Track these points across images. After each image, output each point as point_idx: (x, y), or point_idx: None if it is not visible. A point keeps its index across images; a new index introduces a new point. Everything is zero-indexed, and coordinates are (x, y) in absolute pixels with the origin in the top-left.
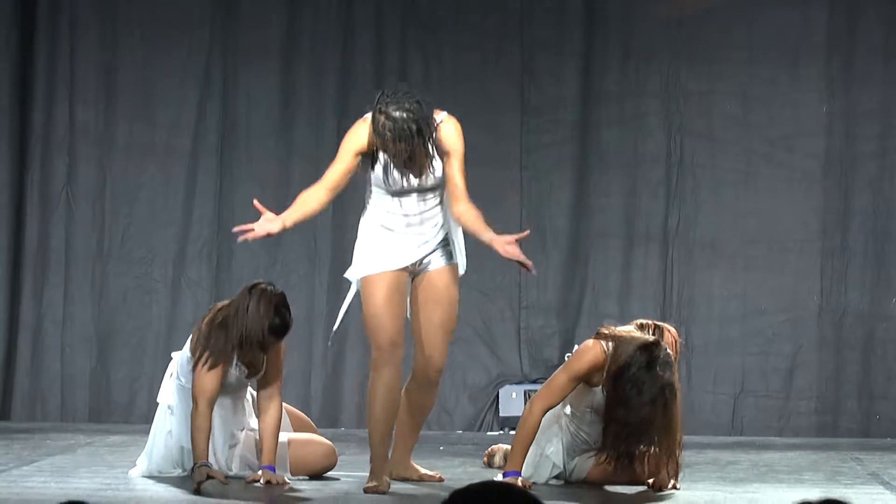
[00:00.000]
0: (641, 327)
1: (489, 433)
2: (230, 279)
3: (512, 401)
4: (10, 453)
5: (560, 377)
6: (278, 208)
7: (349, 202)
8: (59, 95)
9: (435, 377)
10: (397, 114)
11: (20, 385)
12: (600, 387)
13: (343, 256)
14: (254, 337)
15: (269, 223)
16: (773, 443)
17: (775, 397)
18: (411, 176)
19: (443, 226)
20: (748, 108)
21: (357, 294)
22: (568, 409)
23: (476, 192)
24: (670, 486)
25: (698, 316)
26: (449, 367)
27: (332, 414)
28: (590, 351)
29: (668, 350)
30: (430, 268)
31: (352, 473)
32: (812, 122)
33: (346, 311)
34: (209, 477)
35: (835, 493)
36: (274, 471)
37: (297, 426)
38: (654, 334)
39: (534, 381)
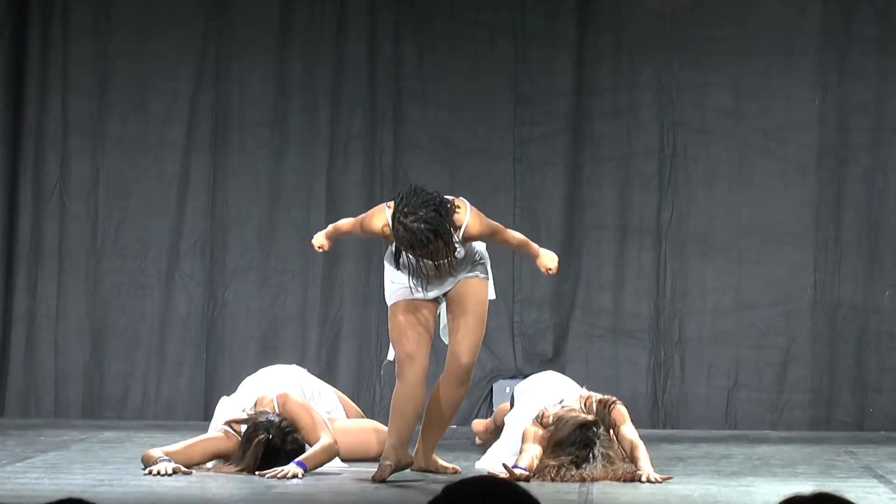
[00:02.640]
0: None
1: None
2: (224, 272)
3: (506, 395)
4: (4, 449)
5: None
6: (271, 199)
7: (341, 198)
8: (53, 88)
9: (462, 374)
10: (415, 225)
11: (13, 380)
12: None
13: (336, 250)
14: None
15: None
16: (766, 436)
17: (769, 391)
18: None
19: (464, 260)
20: (741, 100)
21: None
22: None
23: (470, 185)
24: (652, 478)
25: (692, 309)
26: (442, 363)
27: None
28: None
29: (603, 433)
30: (460, 282)
31: (346, 468)
32: (805, 114)
33: (342, 307)
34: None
35: (829, 486)
36: (305, 469)
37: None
38: (596, 409)
39: (527, 376)
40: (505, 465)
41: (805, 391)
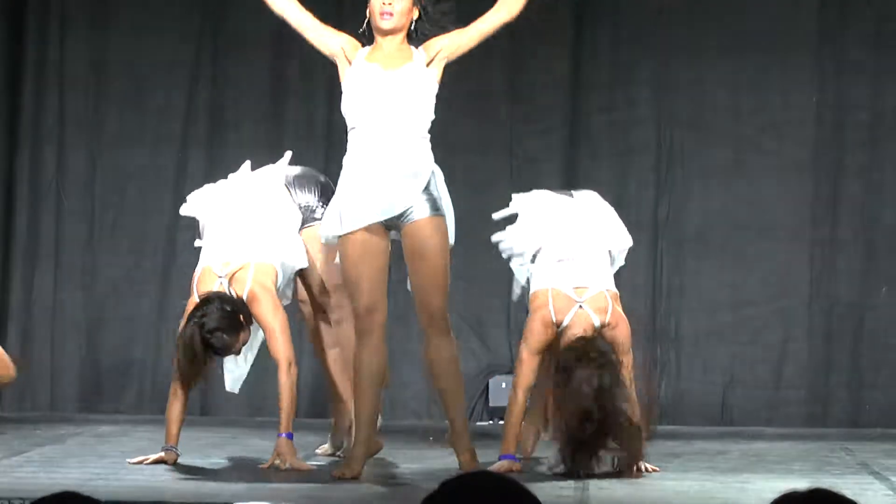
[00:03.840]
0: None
1: (479, 423)
2: None
3: (502, 391)
4: (0, 443)
5: (523, 354)
6: None
7: None
8: (49, 83)
9: (439, 322)
10: None
11: None
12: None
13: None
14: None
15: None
16: (762, 433)
17: (765, 387)
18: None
19: (426, 171)
20: (738, 96)
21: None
22: None
23: (466, 180)
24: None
25: (688, 305)
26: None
27: (322, 404)
28: (535, 320)
29: (603, 346)
30: (414, 218)
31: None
32: (802, 111)
33: None
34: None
35: (824, 482)
36: (291, 438)
37: None
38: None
39: None
40: (507, 458)
41: (801, 388)
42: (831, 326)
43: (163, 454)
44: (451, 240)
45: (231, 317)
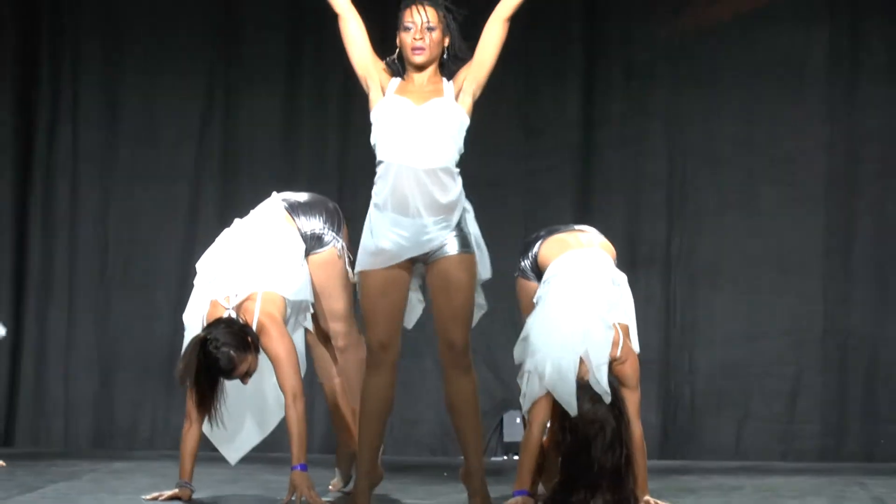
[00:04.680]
0: None
1: (493, 458)
2: None
3: (516, 426)
4: (14, 480)
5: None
6: None
7: (351, 229)
8: (62, 118)
9: (460, 359)
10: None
11: (23, 410)
12: None
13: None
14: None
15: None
16: (776, 467)
17: (779, 421)
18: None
19: (458, 208)
20: (750, 129)
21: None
22: None
23: (477, 214)
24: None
25: (701, 339)
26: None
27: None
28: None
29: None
30: (442, 254)
31: None
32: (814, 144)
33: None
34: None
35: None
36: (305, 469)
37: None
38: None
39: None
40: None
41: (815, 421)
42: (845, 360)
43: (177, 490)
44: (488, 273)
45: (238, 335)
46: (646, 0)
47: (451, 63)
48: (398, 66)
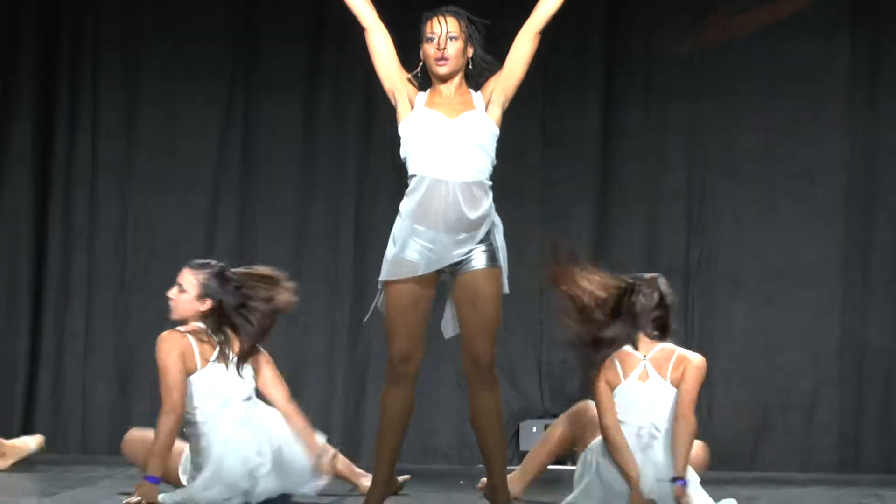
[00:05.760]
0: None
1: (509, 467)
2: None
3: (533, 435)
4: (31, 485)
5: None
6: (299, 236)
7: (370, 237)
8: (82, 127)
9: (486, 375)
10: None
11: (41, 417)
12: None
13: (363, 291)
14: None
15: None
16: (793, 479)
17: (796, 433)
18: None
19: (486, 223)
20: (769, 142)
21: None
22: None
23: None
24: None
25: (720, 351)
26: (467, 401)
27: (353, 449)
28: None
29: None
30: (470, 268)
31: None
32: (833, 157)
33: (369, 347)
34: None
35: None
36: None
37: None
38: None
39: (554, 416)
40: None
41: (832, 434)
42: (863, 373)
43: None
44: (505, 289)
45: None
46: (667, 14)
47: (476, 74)
48: (422, 80)
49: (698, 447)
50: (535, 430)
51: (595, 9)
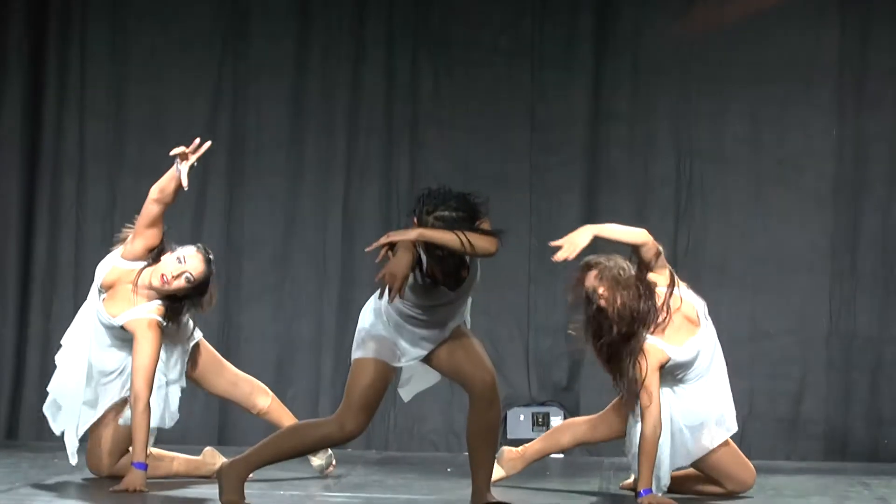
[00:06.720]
0: None
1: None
2: (239, 297)
3: (520, 423)
4: (18, 472)
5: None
6: (286, 224)
7: (357, 222)
8: (69, 113)
9: (489, 393)
10: (447, 214)
11: (28, 404)
12: None
13: (351, 276)
14: None
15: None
16: (780, 466)
17: (783, 420)
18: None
19: (460, 308)
20: (758, 129)
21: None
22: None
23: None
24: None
25: None
26: (455, 389)
27: None
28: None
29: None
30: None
31: (358, 494)
32: (822, 144)
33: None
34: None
35: None
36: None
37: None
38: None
39: (542, 404)
40: None
41: (819, 422)
42: (850, 360)
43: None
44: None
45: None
46: None
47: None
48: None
49: None
50: (522, 418)
51: None
